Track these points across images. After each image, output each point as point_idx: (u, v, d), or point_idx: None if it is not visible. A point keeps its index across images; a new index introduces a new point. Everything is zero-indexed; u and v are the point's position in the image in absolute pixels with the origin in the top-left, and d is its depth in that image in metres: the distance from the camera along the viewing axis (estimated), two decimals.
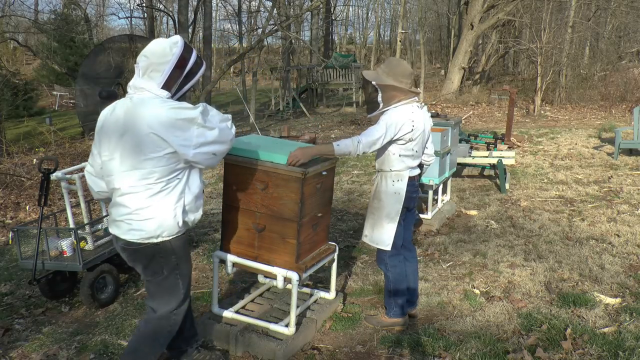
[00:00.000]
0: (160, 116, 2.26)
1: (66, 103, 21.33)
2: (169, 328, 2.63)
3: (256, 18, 22.17)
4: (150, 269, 2.51)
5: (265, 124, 15.45)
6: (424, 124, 3.25)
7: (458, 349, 3.07)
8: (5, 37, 15.52)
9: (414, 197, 3.34)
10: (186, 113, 2.29)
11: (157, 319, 2.59)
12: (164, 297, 2.57)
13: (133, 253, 2.48)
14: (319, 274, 4.16)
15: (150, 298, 2.62)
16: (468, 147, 7.14)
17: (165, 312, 2.58)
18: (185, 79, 2.41)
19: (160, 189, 2.35)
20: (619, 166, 7.86)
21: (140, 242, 2.41)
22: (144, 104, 2.31)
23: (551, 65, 15.85)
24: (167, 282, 2.54)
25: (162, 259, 2.48)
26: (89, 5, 31.09)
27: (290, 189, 2.95)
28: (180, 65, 2.36)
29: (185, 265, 2.60)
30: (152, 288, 2.59)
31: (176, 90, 2.40)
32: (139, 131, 2.27)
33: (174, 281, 2.55)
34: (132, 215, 2.38)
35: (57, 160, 4.04)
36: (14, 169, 7.98)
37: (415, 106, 3.20)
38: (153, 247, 2.43)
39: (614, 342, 3.04)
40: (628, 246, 4.63)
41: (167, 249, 2.47)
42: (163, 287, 2.56)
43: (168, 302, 2.57)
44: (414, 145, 3.20)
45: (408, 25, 30.18)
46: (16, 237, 3.84)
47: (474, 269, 4.28)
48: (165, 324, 2.60)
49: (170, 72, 2.34)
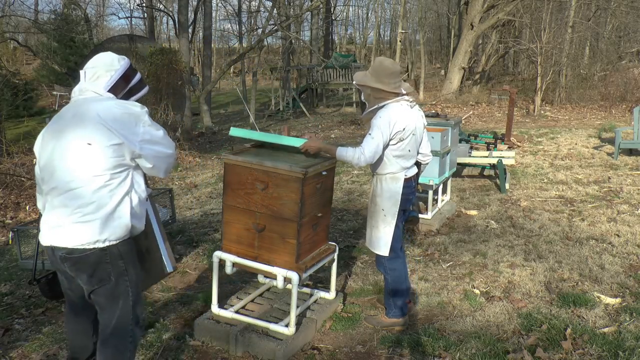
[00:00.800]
0: (110, 109, 2.30)
1: (66, 103, 21.26)
2: (130, 340, 2.46)
3: (256, 18, 22.18)
4: (97, 277, 2.33)
5: (265, 124, 15.45)
6: (415, 123, 3.23)
7: (458, 349, 3.07)
8: (5, 37, 15.52)
9: (410, 199, 3.32)
10: (134, 109, 2.35)
11: (112, 336, 2.42)
12: (116, 306, 2.39)
13: (77, 262, 2.30)
14: (319, 274, 4.16)
15: (101, 312, 2.42)
16: (468, 147, 7.14)
17: (119, 326, 2.41)
18: (128, 94, 2.48)
19: (105, 183, 2.25)
20: (619, 166, 7.86)
21: (84, 248, 2.26)
22: (93, 100, 2.35)
23: (551, 65, 15.85)
24: (117, 290, 2.37)
25: (108, 264, 2.33)
26: (89, 5, 31.12)
27: (290, 189, 2.95)
28: (125, 78, 2.46)
29: (134, 271, 2.44)
30: (100, 300, 2.39)
31: (120, 99, 2.42)
32: (87, 122, 2.26)
33: (123, 288, 2.39)
34: (75, 213, 2.24)
35: None
36: (14, 169, 7.97)
37: (405, 105, 3.19)
38: (99, 252, 2.29)
39: (614, 342, 3.04)
40: (628, 246, 4.63)
41: (114, 254, 2.33)
42: (113, 296, 2.38)
43: (119, 312, 2.40)
44: (405, 144, 3.18)
45: (408, 25, 30.16)
46: (16, 237, 3.84)
47: (474, 269, 4.28)
48: (125, 340, 2.43)
49: (117, 80, 2.42)
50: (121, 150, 2.27)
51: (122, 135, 2.27)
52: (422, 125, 3.35)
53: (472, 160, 6.94)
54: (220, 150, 12.07)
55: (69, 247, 2.26)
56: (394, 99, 3.16)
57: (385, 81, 3.13)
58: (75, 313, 2.58)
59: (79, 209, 2.24)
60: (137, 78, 2.53)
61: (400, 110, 3.15)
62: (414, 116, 3.23)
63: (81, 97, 2.40)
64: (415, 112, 3.26)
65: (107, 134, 2.24)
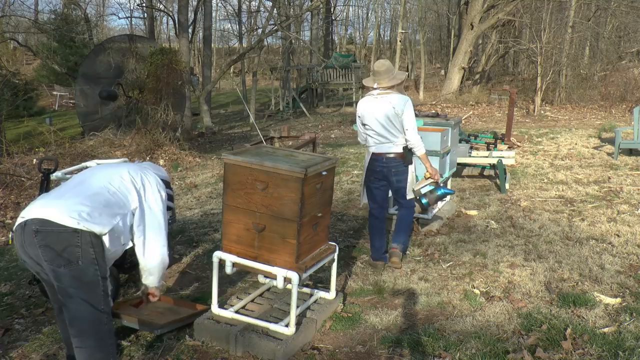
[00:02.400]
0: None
1: (66, 103, 21.33)
2: (105, 326, 2.39)
3: (256, 18, 22.18)
4: (64, 257, 2.28)
5: (265, 124, 15.45)
6: (374, 111, 4.05)
7: (458, 349, 3.07)
8: (5, 37, 15.52)
9: (377, 170, 4.19)
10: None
11: (90, 328, 2.35)
12: (83, 293, 2.29)
13: (46, 236, 2.28)
14: (319, 274, 4.16)
15: (67, 301, 2.33)
16: (468, 147, 7.13)
17: (90, 316, 2.32)
18: None
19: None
20: (619, 166, 7.86)
21: (58, 222, 2.26)
22: None
23: (551, 65, 15.85)
24: (84, 275, 2.30)
25: (78, 248, 2.29)
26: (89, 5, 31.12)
27: (290, 189, 2.95)
28: None
29: (104, 266, 2.41)
30: (65, 283, 2.28)
31: None
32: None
33: (93, 277, 2.32)
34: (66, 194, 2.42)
35: (57, 160, 4.04)
36: (14, 169, 7.97)
37: (368, 97, 4.13)
38: (71, 232, 2.28)
39: (614, 342, 3.04)
40: (628, 246, 4.63)
41: (86, 240, 2.31)
42: (80, 281, 2.30)
43: (89, 300, 2.32)
44: (368, 127, 4.13)
45: (408, 25, 30.17)
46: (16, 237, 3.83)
47: (474, 269, 4.28)
48: (96, 326, 2.35)
49: None
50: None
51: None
52: (383, 113, 4.03)
53: (472, 160, 6.94)
54: (220, 150, 12.07)
55: (44, 219, 2.29)
56: (369, 92, 4.14)
57: (367, 79, 4.18)
58: (62, 313, 2.56)
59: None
60: None
61: (362, 101, 4.18)
62: (375, 105, 4.06)
63: None
64: (376, 100, 4.06)
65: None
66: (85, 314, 2.34)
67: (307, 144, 8.08)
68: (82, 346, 2.38)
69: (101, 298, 2.39)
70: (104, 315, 2.41)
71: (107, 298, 2.44)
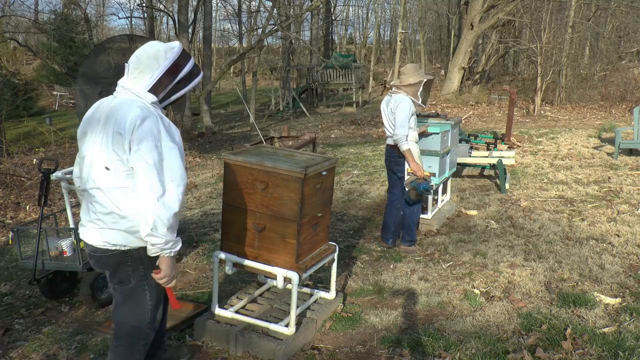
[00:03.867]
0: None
1: (66, 103, 21.33)
2: (142, 342, 2.46)
3: (256, 18, 22.20)
4: (117, 277, 2.36)
5: (265, 124, 15.44)
6: (382, 107, 4.67)
7: (458, 349, 3.07)
8: (5, 37, 15.51)
9: (391, 161, 4.65)
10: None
11: (126, 333, 2.43)
12: (132, 306, 2.40)
13: (99, 260, 2.35)
14: (319, 274, 4.16)
15: (116, 308, 2.45)
16: (468, 147, 7.13)
17: (133, 326, 2.42)
18: (177, 86, 2.31)
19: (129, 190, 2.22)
20: (619, 166, 7.86)
21: (107, 248, 2.28)
22: (124, 105, 2.22)
23: (551, 65, 15.85)
24: (134, 291, 2.38)
25: (129, 267, 2.33)
26: (89, 5, 31.13)
27: (290, 189, 2.95)
28: (172, 72, 2.27)
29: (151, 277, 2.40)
30: (118, 297, 2.42)
31: (164, 96, 2.30)
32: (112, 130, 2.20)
33: (141, 291, 2.39)
34: (104, 217, 2.26)
35: (57, 160, 4.04)
36: (14, 169, 7.98)
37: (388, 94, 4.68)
38: (120, 254, 2.30)
39: (614, 342, 3.04)
40: (628, 246, 4.63)
41: (135, 257, 2.32)
42: (130, 297, 2.39)
43: (134, 313, 2.41)
44: (380, 122, 4.82)
45: (408, 25, 30.18)
46: (16, 237, 3.84)
47: (474, 269, 4.28)
48: (135, 338, 2.44)
49: (159, 77, 2.25)
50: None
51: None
52: (384, 109, 4.62)
53: (472, 160, 6.94)
54: (220, 150, 12.07)
55: (94, 246, 2.32)
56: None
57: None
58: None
59: (108, 214, 2.26)
60: (187, 68, 2.31)
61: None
62: (384, 102, 4.64)
63: (120, 97, 2.28)
64: (386, 99, 4.64)
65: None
66: (130, 323, 2.44)
67: (307, 144, 8.08)
68: (114, 348, 2.46)
69: (147, 312, 2.43)
70: (146, 329, 2.46)
71: (155, 311, 2.47)
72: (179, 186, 2.18)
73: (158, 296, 2.46)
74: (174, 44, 2.32)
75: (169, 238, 2.17)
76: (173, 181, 2.17)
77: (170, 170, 2.17)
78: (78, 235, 3.72)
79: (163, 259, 2.25)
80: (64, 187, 4.06)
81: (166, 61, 2.25)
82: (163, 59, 2.25)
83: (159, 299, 2.47)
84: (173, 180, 2.17)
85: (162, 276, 2.27)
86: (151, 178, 2.11)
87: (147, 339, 2.47)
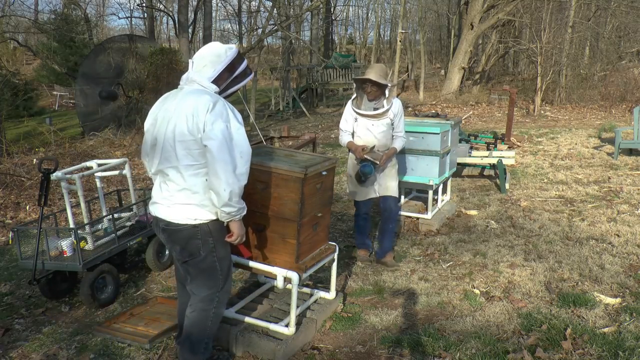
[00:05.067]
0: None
1: (66, 103, 21.32)
2: (215, 310, 2.72)
3: (256, 18, 22.20)
4: (188, 251, 2.62)
5: (265, 124, 15.44)
6: None
7: (458, 349, 3.07)
8: (5, 37, 15.51)
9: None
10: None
11: (200, 301, 2.69)
12: (204, 278, 2.68)
13: (171, 234, 2.62)
14: (319, 274, 4.16)
15: (191, 281, 2.72)
16: (468, 147, 7.13)
17: (207, 295, 2.68)
18: (232, 83, 2.65)
19: (198, 171, 2.52)
20: (619, 166, 7.86)
21: (179, 223, 2.55)
22: (194, 93, 2.53)
23: (551, 65, 15.85)
24: (204, 263, 2.63)
25: (199, 240, 2.58)
26: (89, 5, 31.11)
27: (290, 189, 2.95)
28: (229, 69, 2.61)
29: (223, 249, 2.68)
30: (191, 270, 2.69)
31: (223, 89, 2.62)
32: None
33: (211, 264, 2.65)
34: (177, 194, 2.54)
35: (57, 160, 4.03)
36: (14, 169, 7.96)
37: None
38: (191, 228, 2.55)
39: (614, 342, 3.04)
40: (628, 246, 4.63)
41: (205, 231, 2.57)
42: (202, 269, 2.65)
43: (207, 284, 2.68)
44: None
45: (408, 25, 30.17)
46: (16, 237, 3.84)
47: (474, 269, 4.28)
48: (209, 307, 2.70)
49: (221, 71, 2.58)
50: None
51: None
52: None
53: (472, 160, 6.93)
54: None
55: (167, 220, 2.59)
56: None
57: (390, 79, 4.01)
58: (183, 285, 2.90)
59: (180, 191, 2.55)
60: (241, 68, 2.66)
61: None
62: None
63: (187, 88, 2.59)
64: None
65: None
66: (203, 294, 2.72)
67: (307, 144, 8.08)
68: (189, 315, 2.74)
69: (218, 282, 2.72)
70: (216, 300, 2.74)
71: (224, 285, 2.76)
72: (247, 162, 2.53)
73: (228, 266, 2.75)
74: (232, 46, 2.68)
75: (241, 205, 2.52)
76: (242, 157, 2.49)
77: (239, 148, 2.48)
78: (78, 235, 3.73)
79: (234, 223, 2.58)
80: (64, 187, 4.06)
81: (227, 58, 2.60)
82: (224, 56, 2.60)
83: (229, 269, 2.77)
84: (242, 157, 2.49)
85: (235, 237, 2.62)
86: (224, 154, 2.41)
87: (218, 308, 2.74)
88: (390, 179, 4.41)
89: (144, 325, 3.43)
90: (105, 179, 4.07)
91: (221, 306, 2.78)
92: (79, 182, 3.99)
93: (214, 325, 2.78)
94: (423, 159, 5.19)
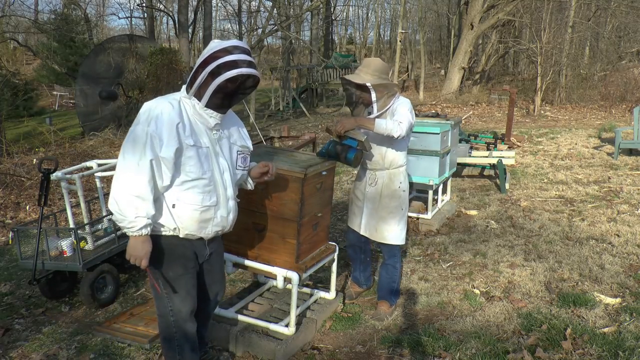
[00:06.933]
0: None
1: (66, 103, 21.31)
2: (172, 330, 2.51)
3: (256, 18, 22.18)
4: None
5: (265, 124, 15.44)
6: None
7: (458, 349, 3.07)
8: (5, 37, 15.51)
9: None
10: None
11: (159, 317, 2.56)
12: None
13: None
14: (319, 274, 4.16)
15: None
16: (468, 147, 7.13)
17: (161, 312, 2.52)
18: (210, 79, 2.19)
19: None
20: (619, 166, 7.86)
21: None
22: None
23: (551, 65, 15.84)
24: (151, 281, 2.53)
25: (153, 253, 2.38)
26: (89, 5, 31.10)
27: (290, 189, 2.95)
28: (204, 64, 2.20)
29: (164, 268, 2.43)
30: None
31: (197, 90, 2.24)
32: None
33: (154, 281, 2.47)
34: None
35: (57, 160, 4.04)
36: (14, 169, 7.96)
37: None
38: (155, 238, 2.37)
39: (614, 342, 3.04)
40: (628, 246, 4.63)
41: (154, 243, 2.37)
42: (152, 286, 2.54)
43: (158, 301, 2.52)
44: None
45: (408, 25, 30.18)
46: (16, 237, 3.84)
47: (474, 269, 4.28)
48: (163, 325, 2.53)
49: (194, 70, 2.23)
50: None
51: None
52: None
53: (472, 160, 6.93)
54: None
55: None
56: (400, 92, 3.26)
57: (389, 77, 3.22)
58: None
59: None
60: (221, 60, 2.17)
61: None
62: None
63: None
64: None
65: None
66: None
67: (307, 144, 8.07)
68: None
69: (163, 304, 2.58)
70: (170, 320, 2.57)
71: (180, 305, 2.59)
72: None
73: (172, 288, 2.54)
74: (232, 41, 2.29)
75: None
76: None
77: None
78: (78, 235, 3.73)
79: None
80: (64, 187, 4.06)
81: (203, 54, 2.29)
82: (205, 53, 2.29)
83: (174, 291, 2.58)
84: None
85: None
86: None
87: (175, 328, 2.55)
88: (386, 222, 3.40)
89: (144, 325, 3.43)
90: (105, 179, 4.07)
91: (177, 328, 2.57)
92: (79, 182, 3.99)
93: (174, 347, 2.58)
94: (423, 158, 5.19)
